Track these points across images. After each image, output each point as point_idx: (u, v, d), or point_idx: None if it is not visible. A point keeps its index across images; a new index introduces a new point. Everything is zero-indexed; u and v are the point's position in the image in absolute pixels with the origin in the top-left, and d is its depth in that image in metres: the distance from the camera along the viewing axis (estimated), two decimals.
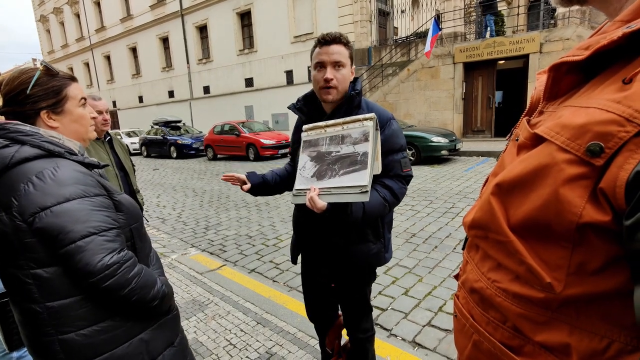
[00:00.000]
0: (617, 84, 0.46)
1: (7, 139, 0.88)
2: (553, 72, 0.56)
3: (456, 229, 4.21)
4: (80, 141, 1.01)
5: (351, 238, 1.42)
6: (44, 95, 0.94)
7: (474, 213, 0.65)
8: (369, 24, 14.93)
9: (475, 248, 0.69)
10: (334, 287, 1.63)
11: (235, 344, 2.26)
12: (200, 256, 3.88)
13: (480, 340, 0.64)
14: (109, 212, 0.92)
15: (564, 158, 0.47)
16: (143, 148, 16.50)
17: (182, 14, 20.73)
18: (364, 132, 1.18)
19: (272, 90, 17.70)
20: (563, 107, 0.54)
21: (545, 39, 10.04)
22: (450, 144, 8.70)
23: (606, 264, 0.47)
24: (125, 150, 2.32)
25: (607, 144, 0.43)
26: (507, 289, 0.58)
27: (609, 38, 0.46)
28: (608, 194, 0.44)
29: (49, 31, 31.40)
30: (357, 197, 1.13)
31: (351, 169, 1.17)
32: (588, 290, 0.49)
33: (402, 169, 1.38)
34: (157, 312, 1.01)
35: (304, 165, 1.31)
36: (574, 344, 0.52)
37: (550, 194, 0.48)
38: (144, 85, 24.90)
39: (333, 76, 1.30)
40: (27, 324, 0.90)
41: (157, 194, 7.70)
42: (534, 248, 0.53)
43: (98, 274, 0.85)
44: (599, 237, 0.46)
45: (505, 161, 0.62)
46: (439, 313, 2.56)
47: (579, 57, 0.50)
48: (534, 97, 0.64)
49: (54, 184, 0.85)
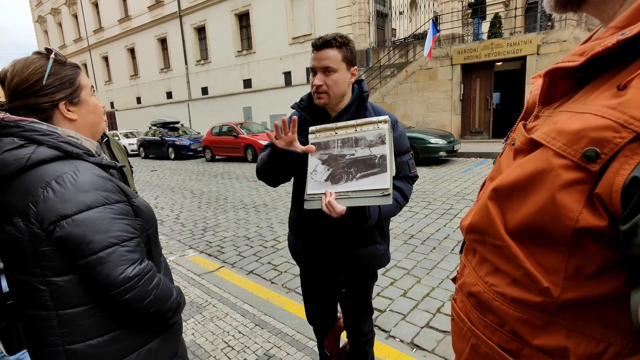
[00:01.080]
0: (612, 90, 0.46)
1: (22, 138, 0.81)
2: (548, 77, 0.56)
3: (454, 231, 4.22)
4: (94, 134, 0.97)
5: (362, 241, 1.42)
6: (60, 85, 0.87)
7: (471, 217, 0.65)
8: (367, 26, 14.96)
9: (472, 252, 0.69)
10: (344, 291, 1.60)
11: (234, 346, 2.26)
12: (198, 258, 3.87)
13: (478, 344, 0.64)
14: (129, 220, 0.88)
15: (561, 163, 0.48)
16: (141, 149, 16.46)
17: (180, 15, 20.72)
18: (379, 135, 1.16)
19: (270, 91, 17.69)
20: (559, 112, 0.54)
21: (542, 40, 10.08)
22: (449, 145, 8.72)
23: (602, 269, 0.48)
24: (122, 151, 2.31)
25: (603, 149, 0.44)
26: (505, 293, 0.59)
27: (604, 45, 0.46)
28: (604, 199, 0.44)
29: (46, 32, 31.31)
30: (379, 200, 1.11)
31: (369, 172, 1.15)
32: (585, 294, 0.50)
33: (410, 170, 1.40)
34: (170, 322, 0.98)
35: (315, 169, 1.26)
36: (572, 348, 0.52)
37: (547, 199, 0.49)
38: (142, 86, 24.85)
39: (322, 82, 1.28)
40: (33, 333, 0.87)
41: (155, 195, 7.68)
42: (531, 252, 0.53)
43: (119, 286, 0.82)
44: (595, 241, 0.47)
45: (502, 165, 0.62)
46: (437, 314, 2.56)
47: (574, 63, 0.51)
48: (530, 101, 0.65)
49: (75, 190, 0.80)
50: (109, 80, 27.38)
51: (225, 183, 8.65)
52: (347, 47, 1.28)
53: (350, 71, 1.32)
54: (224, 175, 9.85)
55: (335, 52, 1.26)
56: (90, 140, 0.94)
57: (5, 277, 0.91)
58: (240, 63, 18.88)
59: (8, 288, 0.93)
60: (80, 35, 27.98)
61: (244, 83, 18.92)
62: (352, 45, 1.31)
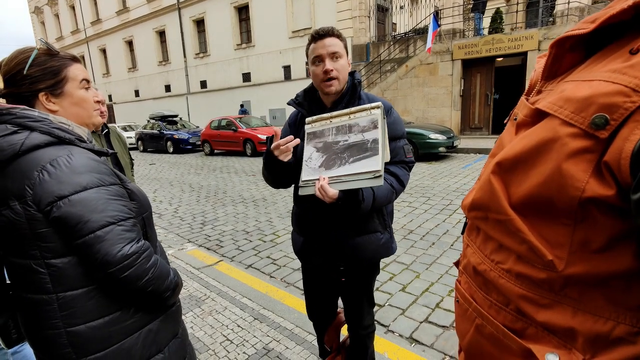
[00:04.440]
0: (624, 56, 0.45)
1: (14, 125, 0.84)
2: (555, 49, 0.55)
3: (453, 226, 4.22)
4: (85, 126, 0.98)
5: (361, 229, 1.42)
6: (41, 75, 0.89)
7: (473, 194, 0.64)
8: (367, 20, 14.87)
9: (475, 230, 0.68)
10: (343, 281, 1.60)
11: (232, 340, 2.26)
12: (197, 251, 3.86)
13: (483, 324, 0.63)
14: (124, 201, 0.90)
15: (568, 132, 0.46)
16: (139, 142, 16.39)
17: (179, 7, 20.54)
18: (372, 120, 1.19)
19: (269, 85, 17.61)
20: (564, 83, 0.53)
21: (543, 36, 10.03)
22: (448, 141, 8.71)
23: (609, 243, 0.46)
24: (122, 144, 2.27)
25: (613, 115, 0.42)
26: (511, 269, 0.58)
27: (619, 7, 0.45)
28: (612, 167, 0.43)
29: (43, 23, 31.01)
30: (370, 182, 1.13)
31: (361, 156, 1.16)
32: (591, 270, 0.48)
33: (406, 154, 1.40)
34: (168, 302, 1.00)
35: (310, 156, 1.29)
36: (578, 327, 0.51)
37: (553, 169, 0.47)
38: (141, 79, 24.70)
39: (333, 67, 1.30)
40: (33, 317, 0.88)
41: (153, 189, 7.66)
42: (535, 226, 0.52)
43: (117, 264, 0.83)
44: (602, 212, 0.45)
45: (504, 141, 0.61)
46: (436, 309, 2.56)
47: (585, 30, 0.49)
48: (533, 78, 0.63)
49: (70, 172, 0.82)
50: (107, 72, 27.18)
51: (224, 177, 8.63)
52: (343, 38, 1.37)
53: (348, 61, 1.38)
54: (222, 169, 9.82)
55: (337, 40, 1.33)
56: (81, 127, 0.96)
57: (4, 265, 0.92)
58: (239, 56, 18.77)
59: (7, 276, 0.93)
60: (77, 27, 27.74)
61: (243, 77, 18.83)
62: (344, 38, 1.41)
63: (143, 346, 0.94)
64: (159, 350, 0.98)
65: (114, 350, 0.90)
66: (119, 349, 0.90)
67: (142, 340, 0.94)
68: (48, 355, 0.89)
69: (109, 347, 0.89)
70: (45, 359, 0.91)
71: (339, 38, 1.33)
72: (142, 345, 0.94)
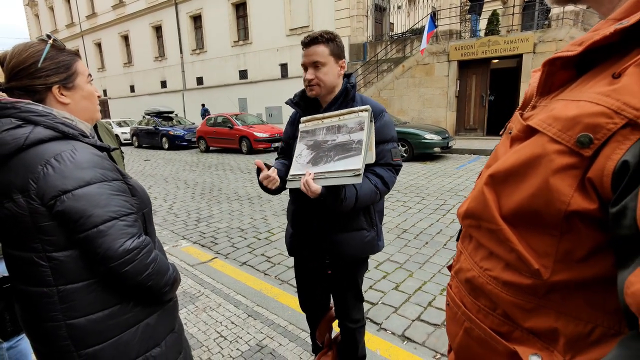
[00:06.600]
0: (608, 79, 0.48)
1: (19, 119, 0.84)
2: (547, 67, 0.58)
3: (447, 226, 4.26)
4: (89, 120, 0.99)
5: (346, 225, 1.47)
6: (55, 69, 0.90)
7: (467, 203, 0.67)
8: (365, 19, 14.87)
9: (468, 238, 0.72)
10: (330, 273, 1.67)
11: (226, 336, 2.27)
12: (192, 248, 3.87)
13: (472, 328, 0.67)
14: (126, 197, 0.91)
15: (555, 149, 0.49)
16: (134, 138, 16.29)
17: (176, 2, 20.38)
18: (359, 122, 1.26)
19: (266, 83, 17.56)
20: (555, 101, 0.56)
21: (539, 39, 10.12)
22: (443, 142, 8.76)
23: (591, 252, 0.50)
24: (112, 138, 2.24)
25: (596, 135, 0.45)
26: (498, 276, 0.61)
27: (602, 34, 0.48)
28: (596, 183, 0.46)
29: (37, 16, 30.61)
30: (350, 179, 1.19)
31: (345, 155, 1.24)
32: (574, 277, 0.52)
33: (392, 157, 1.45)
34: (166, 297, 1.01)
35: (300, 153, 1.38)
36: (561, 329, 0.55)
37: (541, 183, 0.51)
38: (136, 74, 24.48)
39: (313, 76, 1.39)
40: (32, 309, 0.89)
41: (148, 185, 7.62)
42: (523, 236, 0.55)
43: (119, 258, 0.84)
44: (585, 225, 0.49)
45: (498, 153, 0.64)
46: (429, 308, 2.60)
47: (573, 52, 0.52)
48: (528, 92, 0.66)
49: (73, 167, 0.83)
50: (102, 67, 26.91)
51: (219, 174, 8.62)
52: (333, 42, 1.39)
53: (339, 64, 1.42)
54: (218, 167, 9.80)
55: (322, 48, 1.37)
56: (84, 122, 0.97)
57: (4, 257, 0.92)
58: (236, 53, 18.68)
59: (7, 269, 0.94)
60: (72, 20, 27.40)
61: (240, 74, 18.74)
62: (338, 40, 1.42)
63: (141, 340, 0.95)
64: (156, 344, 0.99)
65: (112, 344, 0.91)
66: (117, 342, 0.91)
67: (140, 334, 0.95)
68: (47, 348, 0.90)
69: (108, 340, 0.90)
70: (43, 351, 0.92)
71: (327, 43, 1.37)
72: (140, 338, 0.95)
